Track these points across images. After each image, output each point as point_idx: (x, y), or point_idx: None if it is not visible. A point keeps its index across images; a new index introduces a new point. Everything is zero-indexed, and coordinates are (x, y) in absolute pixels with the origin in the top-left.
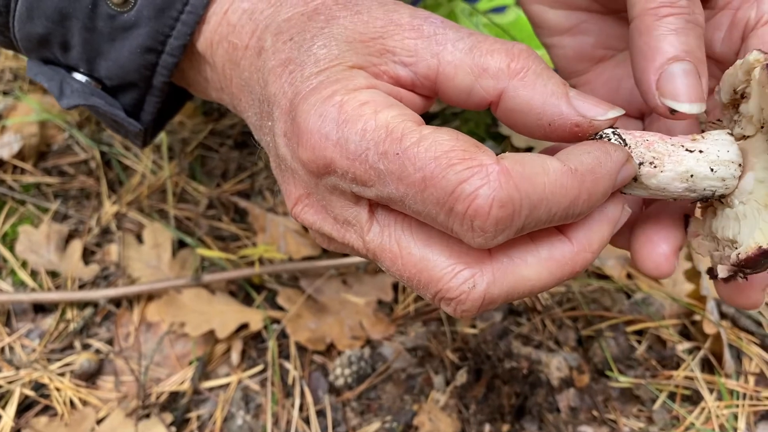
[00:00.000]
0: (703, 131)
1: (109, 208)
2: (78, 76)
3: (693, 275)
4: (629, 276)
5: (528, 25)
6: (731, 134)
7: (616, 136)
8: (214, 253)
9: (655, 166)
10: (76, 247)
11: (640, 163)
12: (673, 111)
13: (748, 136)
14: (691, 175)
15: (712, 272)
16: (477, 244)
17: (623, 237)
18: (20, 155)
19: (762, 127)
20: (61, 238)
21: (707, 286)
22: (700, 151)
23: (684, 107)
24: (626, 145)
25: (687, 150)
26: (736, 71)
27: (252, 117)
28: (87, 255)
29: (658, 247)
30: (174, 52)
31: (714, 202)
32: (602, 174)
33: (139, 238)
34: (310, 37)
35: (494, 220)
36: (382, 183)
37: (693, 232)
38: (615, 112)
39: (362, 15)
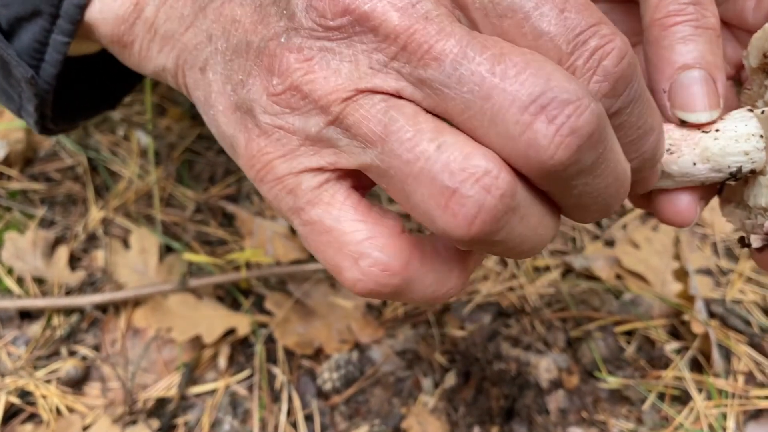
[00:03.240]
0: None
1: (95, 214)
2: None
3: (681, 275)
4: (618, 277)
5: None
6: (751, 110)
7: None
8: (201, 258)
9: (672, 153)
10: (63, 253)
11: None
12: (683, 121)
13: None
14: (711, 154)
15: (743, 241)
16: (585, 91)
17: (642, 197)
18: (6, 161)
19: None
20: (47, 244)
21: (696, 285)
22: (717, 130)
23: (691, 117)
24: None
25: (703, 132)
26: (765, 34)
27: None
28: (73, 261)
29: (679, 198)
30: None
31: (748, 177)
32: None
33: (126, 244)
34: None
35: (620, 71)
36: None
37: (725, 198)
38: None
39: None
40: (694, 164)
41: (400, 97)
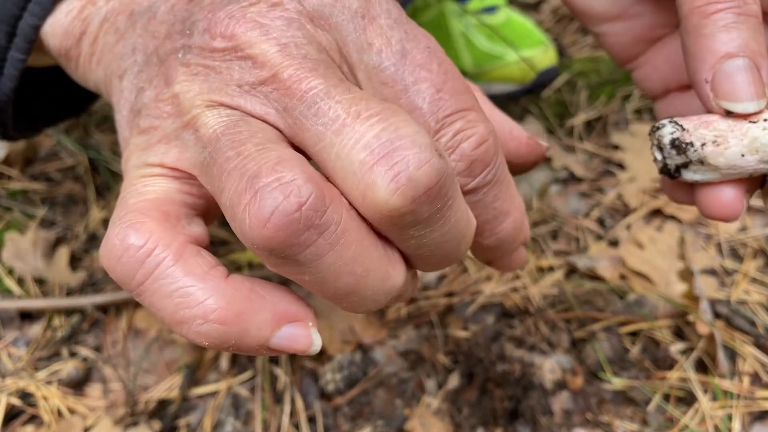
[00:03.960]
0: None
1: (96, 214)
2: None
3: (686, 275)
4: (622, 277)
5: (519, 26)
6: None
7: (672, 124)
8: None
9: (718, 144)
10: (63, 253)
11: (703, 144)
12: (728, 112)
13: None
14: (761, 144)
15: None
16: (432, 147)
17: (684, 192)
18: (7, 161)
19: None
20: (48, 244)
21: (700, 286)
22: (765, 120)
23: (738, 107)
24: (684, 129)
25: (750, 122)
26: None
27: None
28: (74, 261)
29: (723, 191)
30: None
31: None
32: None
33: None
34: None
35: (477, 155)
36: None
37: None
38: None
39: None
40: (742, 155)
41: (263, 122)
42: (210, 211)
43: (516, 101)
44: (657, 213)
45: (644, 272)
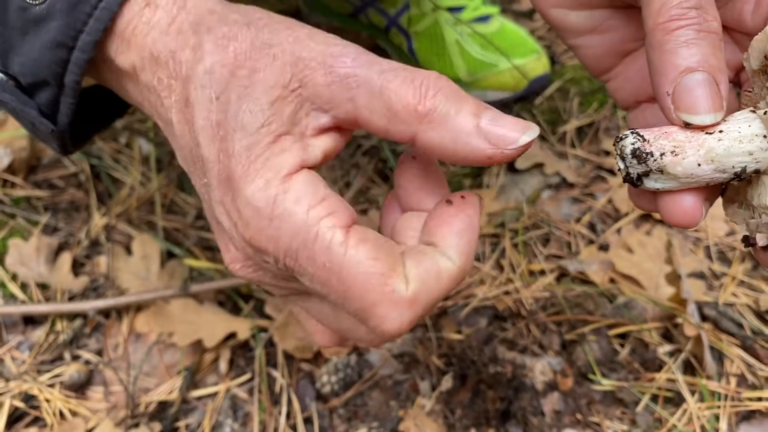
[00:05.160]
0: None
1: (98, 221)
2: None
3: (674, 279)
4: (612, 281)
5: (512, 34)
6: (753, 111)
7: (634, 135)
8: (203, 263)
9: (676, 154)
10: (66, 259)
11: (662, 154)
12: (687, 124)
13: None
14: (716, 155)
15: (747, 240)
16: (377, 343)
17: (647, 199)
18: (10, 169)
19: None
20: (50, 250)
21: (688, 289)
22: (720, 131)
23: (696, 119)
24: (645, 140)
25: (707, 133)
26: (766, 36)
27: (183, 153)
28: (76, 267)
29: (684, 198)
30: (86, 48)
31: (752, 177)
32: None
33: (128, 250)
34: (236, 98)
35: (401, 333)
36: (309, 279)
37: (728, 198)
38: (528, 136)
39: (277, 61)
40: (699, 165)
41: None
42: None
43: (509, 108)
44: (647, 218)
45: (633, 276)
